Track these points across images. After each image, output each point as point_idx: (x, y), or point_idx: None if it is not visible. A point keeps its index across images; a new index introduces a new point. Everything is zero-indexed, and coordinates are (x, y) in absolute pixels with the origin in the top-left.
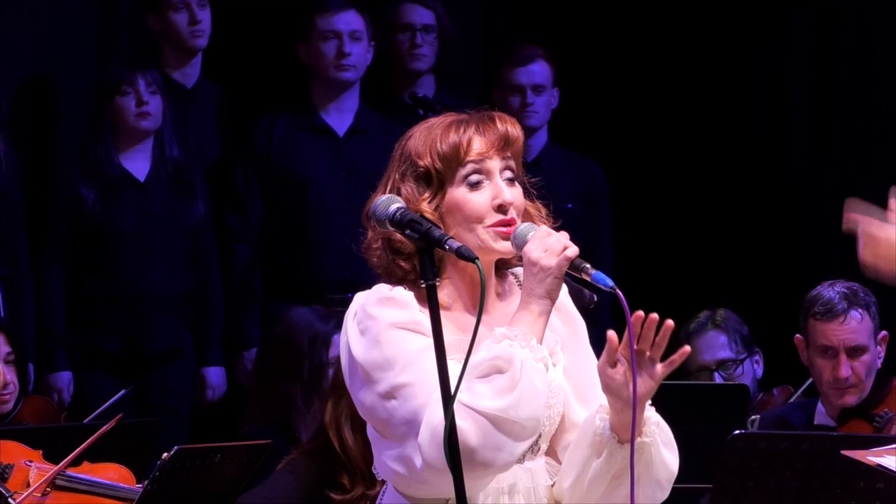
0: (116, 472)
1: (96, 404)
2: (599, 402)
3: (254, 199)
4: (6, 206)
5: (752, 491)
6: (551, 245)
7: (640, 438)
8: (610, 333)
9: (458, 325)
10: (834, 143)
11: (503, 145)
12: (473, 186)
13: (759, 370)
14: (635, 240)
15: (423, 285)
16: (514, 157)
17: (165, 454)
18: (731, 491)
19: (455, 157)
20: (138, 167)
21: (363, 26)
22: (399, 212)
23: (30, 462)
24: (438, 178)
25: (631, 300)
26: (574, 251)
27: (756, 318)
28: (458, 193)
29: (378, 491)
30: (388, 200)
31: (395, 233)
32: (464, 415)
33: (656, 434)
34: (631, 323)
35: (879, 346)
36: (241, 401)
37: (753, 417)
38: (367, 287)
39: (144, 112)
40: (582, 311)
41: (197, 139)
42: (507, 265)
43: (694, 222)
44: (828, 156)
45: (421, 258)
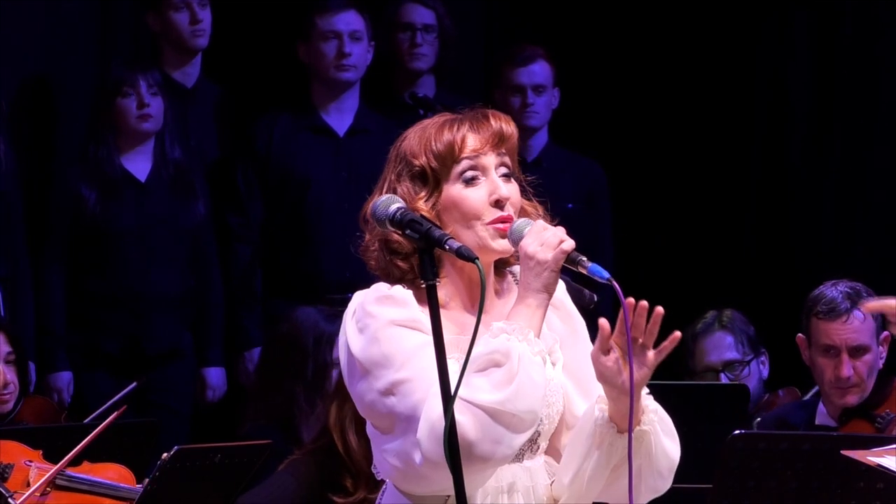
0: (116, 472)
1: (96, 404)
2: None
3: (254, 199)
4: (6, 206)
5: (752, 491)
6: (547, 239)
7: (638, 427)
8: (602, 321)
9: (457, 324)
10: (834, 143)
11: (497, 142)
12: (469, 182)
13: (765, 371)
14: (635, 240)
15: (423, 285)
16: (509, 153)
17: (165, 454)
18: (731, 491)
19: (450, 154)
20: (139, 168)
21: (363, 26)
22: (399, 212)
23: (30, 462)
24: (434, 176)
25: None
26: (570, 244)
27: (756, 319)
28: (454, 190)
29: None
30: (388, 200)
31: (392, 233)
32: (462, 408)
33: (655, 422)
34: (627, 311)
35: (881, 347)
36: (242, 401)
37: (758, 419)
38: (367, 287)
39: (146, 114)
40: (582, 311)
41: (197, 139)
42: (507, 264)
43: (694, 222)
44: (828, 156)
45: (421, 258)
